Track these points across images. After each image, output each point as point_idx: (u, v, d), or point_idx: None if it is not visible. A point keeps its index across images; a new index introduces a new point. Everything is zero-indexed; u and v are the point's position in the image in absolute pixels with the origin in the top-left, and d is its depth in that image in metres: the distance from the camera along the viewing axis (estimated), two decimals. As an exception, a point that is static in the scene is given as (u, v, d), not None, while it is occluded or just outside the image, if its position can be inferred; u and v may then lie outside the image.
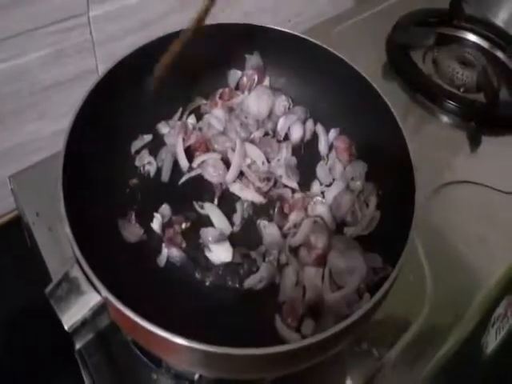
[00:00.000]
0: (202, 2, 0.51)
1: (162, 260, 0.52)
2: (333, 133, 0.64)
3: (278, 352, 0.38)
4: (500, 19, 0.96)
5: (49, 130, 0.65)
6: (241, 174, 0.59)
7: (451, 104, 0.80)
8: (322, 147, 0.63)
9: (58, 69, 0.61)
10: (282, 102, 0.64)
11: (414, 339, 0.56)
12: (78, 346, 0.43)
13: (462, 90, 0.83)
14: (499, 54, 0.90)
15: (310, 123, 0.64)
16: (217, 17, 0.60)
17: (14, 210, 0.67)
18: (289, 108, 0.65)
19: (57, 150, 0.48)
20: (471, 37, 0.92)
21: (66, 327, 0.40)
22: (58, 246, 0.56)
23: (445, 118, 0.80)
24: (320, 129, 0.64)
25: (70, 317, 0.40)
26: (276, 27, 0.62)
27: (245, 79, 0.66)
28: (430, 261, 0.61)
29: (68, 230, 0.42)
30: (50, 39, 0.58)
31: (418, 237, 0.60)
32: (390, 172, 0.55)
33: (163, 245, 0.52)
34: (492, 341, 0.57)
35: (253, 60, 0.66)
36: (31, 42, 0.57)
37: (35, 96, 0.62)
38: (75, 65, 0.63)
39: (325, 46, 0.62)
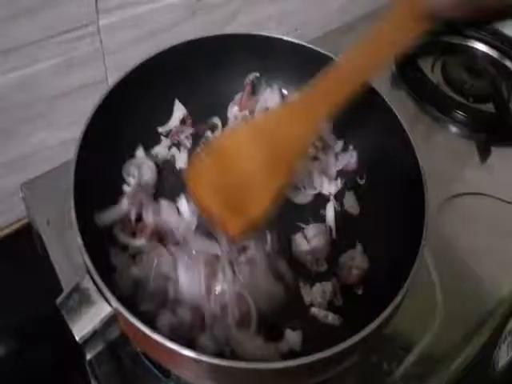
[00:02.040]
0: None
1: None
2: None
3: (287, 367, 0.38)
4: (510, 29, 0.95)
5: (58, 139, 0.65)
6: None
7: (460, 114, 0.79)
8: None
9: (67, 78, 0.62)
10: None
11: (423, 354, 0.55)
12: (88, 356, 0.43)
13: (471, 100, 0.83)
14: (509, 64, 0.90)
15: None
16: (224, 29, 0.61)
17: (25, 218, 0.68)
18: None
19: (67, 159, 0.49)
20: (481, 46, 0.92)
21: (77, 338, 0.40)
22: (68, 254, 0.56)
23: (453, 129, 0.80)
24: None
25: (81, 328, 0.40)
26: (282, 37, 0.62)
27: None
28: (440, 273, 0.60)
29: (79, 240, 0.42)
30: (60, 48, 0.58)
31: (427, 249, 0.59)
32: (398, 184, 0.54)
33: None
34: (503, 357, 0.56)
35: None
36: (41, 52, 0.57)
37: (45, 105, 0.62)
38: (85, 74, 0.63)
39: (331, 55, 0.61)
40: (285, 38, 0.62)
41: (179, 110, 0.64)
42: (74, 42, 0.59)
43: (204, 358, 0.38)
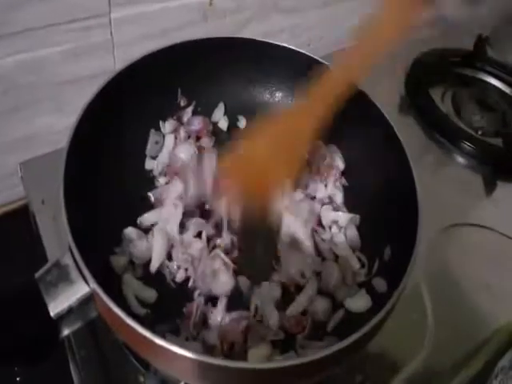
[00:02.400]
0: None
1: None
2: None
3: (273, 368, 0.37)
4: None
5: (63, 124, 0.65)
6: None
7: (468, 145, 0.79)
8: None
9: (76, 65, 0.62)
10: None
11: (409, 379, 0.53)
12: (64, 332, 0.42)
13: (480, 132, 0.82)
14: (520, 100, 0.90)
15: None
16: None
17: (23, 199, 0.67)
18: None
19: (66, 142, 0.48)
20: (493, 80, 0.92)
21: (51, 313, 0.40)
22: (59, 235, 0.55)
23: (460, 159, 0.79)
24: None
25: (57, 304, 0.40)
26: (294, 47, 0.63)
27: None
28: (434, 301, 0.59)
29: (64, 215, 0.41)
30: (71, 35, 0.59)
31: (422, 275, 0.58)
32: (393, 205, 0.53)
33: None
34: (494, 395, 0.54)
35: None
36: (52, 36, 0.58)
37: (52, 89, 0.62)
38: (93, 63, 0.64)
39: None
40: (297, 49, 0.63)
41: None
42: (85, 31, 0.60)
43: (179, 350, 0.37)
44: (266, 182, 0.51)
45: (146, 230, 0.53)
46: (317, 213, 0.58)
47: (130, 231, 0.52)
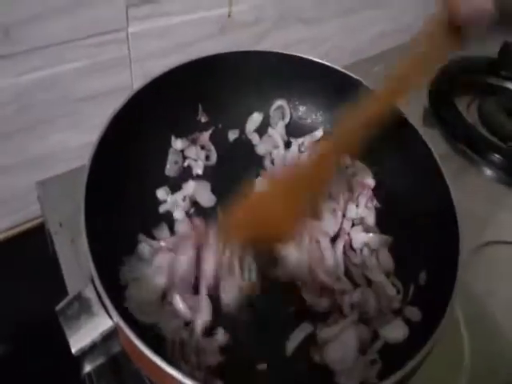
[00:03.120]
0: None
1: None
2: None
3: None
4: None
5: (79, 142, 0.64)
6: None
7: (496, 157, 0.76)
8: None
9: (92, 81, 0.61)
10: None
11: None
12: (86, 369, 0.40)
13: (508, 143, 0.79)
14: (550, 109, 0.87)
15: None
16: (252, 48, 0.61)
17: (40, 217, 0.66)
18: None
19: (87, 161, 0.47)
20: (520, 89, 0.89)
21: (73, 350, 0.38)
22: (78, 260, 0.54)
23: (488, 171, 0.76)
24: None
25: (79, 339, 0.38)
26: (315, 59, 0.61)
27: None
28: (468, 326, 0.56)
29: (86, 245, 0.39)
30: (87, 51, 0.58)
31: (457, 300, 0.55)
32: (429, 227, 0.51)
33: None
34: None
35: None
36: (68, 53, 0.57)
37: (68, 106, 0.61)
38: (110, 79, 0.62)
39: (364, 81, 0.60)
40: (317, 59, 0.61)
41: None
42: (102, 47, 0.59)
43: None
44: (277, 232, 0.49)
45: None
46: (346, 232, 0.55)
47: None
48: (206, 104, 0.62)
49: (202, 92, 0.60)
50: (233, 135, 0.65)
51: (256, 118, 0.65)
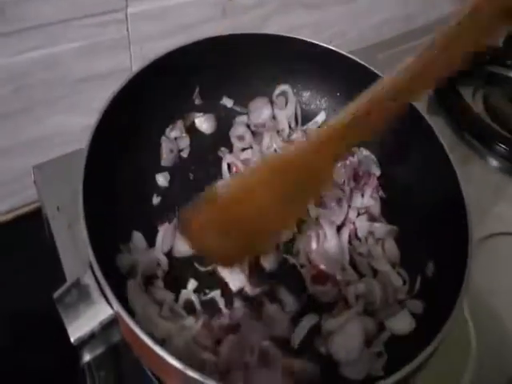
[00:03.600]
0: None
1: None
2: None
3: None
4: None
5: (78, 124, 0.62)
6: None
7: (502, 147, 0.74)
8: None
9: (91, 62, 0.60)
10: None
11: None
12: (86, 359, 0.39)
13: (514, 133, 0.78)
14: (557, 99, 0.85)
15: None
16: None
17: (37, 202, 0.65)
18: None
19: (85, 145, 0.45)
20: (526, 78, 0.87)
21: (71, 339, 0.37)
22: (76, 245, 0.53)
23: (494, 162, 0.75)
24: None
25: (77, 328, 0.37)
26: (322, 43, 0.60)
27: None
28: (474, 318, 0.55)
29: (84, 231, 0.38)
30: (86, 32, 0.56)
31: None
32: (437, 216, 0.50)
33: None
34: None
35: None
36: (65, 33, 0.55)
37: (66, 88, 0.60)
38: (109, 60, 0.61)
39: (371, 67, 0.58)
40: (321, 43, 0.60)
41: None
42: (100, 27, 0.57)
43: (208, 381, 0.33)
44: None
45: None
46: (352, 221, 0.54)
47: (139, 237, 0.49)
48: (204, 87, 0.60)
49: (201, 75, 0.59)
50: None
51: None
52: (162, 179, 0.56)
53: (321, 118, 0.64)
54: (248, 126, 0.62)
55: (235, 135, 0.61)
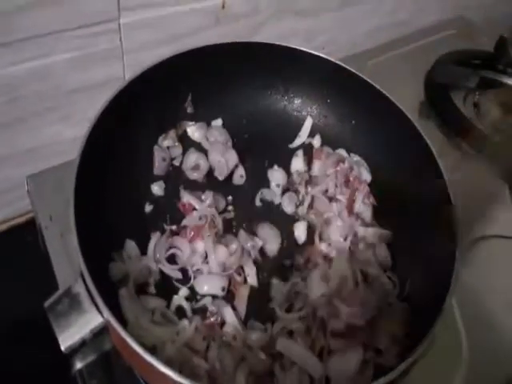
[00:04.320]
0: None
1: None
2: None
3: None
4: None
5: (71, 134, 0.63)
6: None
7: (492, 151, 0.75)
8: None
9: (84, 73, 0.60)
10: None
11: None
12: (77, 366, 0.39)
13: (504, 137, 0.78)
14: (546, 103, 0.86)
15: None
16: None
17: (31, 212, 0.65)
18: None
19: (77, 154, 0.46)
20: (515, 83, 0.88)
21: (62, 347, 0.37)
22: (68, 254, 0.53)
23: (484, 166, 0.75)
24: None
25: (68, 337, 0.37)
26: (312, 51, 0.60)
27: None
28: (465, 320, 0.56)
29: (75, 240, 0.38)
30: (78, 42, 0.57)
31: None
32: (427, 222, 0.51)
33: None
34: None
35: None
36: (58, 44, 0.55)
37: (60, 98, 0.60)
38: (102, 71, 0.61)
39: (360, 74, 0.59)
40: (312, 51, 0.60)
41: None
42: (94, 38, 0.58)
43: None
44: None
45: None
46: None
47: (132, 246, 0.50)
48: (196, 96, 0.61)
49: (193, 84, 0.59)
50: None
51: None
52: (157, 188, 0.57)
53: (308, 123, 0.64)
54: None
55: (188, 167, 0.59)
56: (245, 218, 0.56)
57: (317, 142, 0.64)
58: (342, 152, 0.62)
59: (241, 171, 0.60)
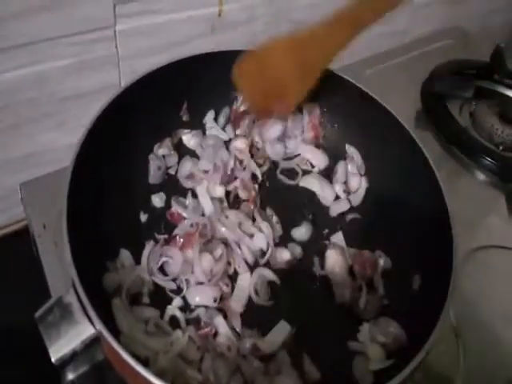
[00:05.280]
0: None
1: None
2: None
3: None
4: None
5: (66, 142, 0.62)
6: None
7: (489, 161, 0.75)
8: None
9: (79, 80, 0.60)
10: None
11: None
12: (69, 377, 0.39)
13: (501, 147, 0.79)
14: (543, 113, 0.86)
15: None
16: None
17: (25, 220, 0.64)
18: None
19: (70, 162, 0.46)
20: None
21: (53, 359, 0.36)
22: (61, 262, 0.52)
23: (481, 176, 0.75)
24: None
25: (59, 348, 0.37)
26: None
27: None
28: (463, 331, 0.55)
29: (67, 249, 0.38)
30: (74, 49, 0.57)
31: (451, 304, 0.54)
32: (423, 230, 0.50)
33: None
34: None
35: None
36: (53, 50, 0.55)
37: (54, 105, 0.60)
38: (98, 78, 0.61)
39: (357, 83, 0.59)
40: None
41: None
42: (90, 45, 0.58)
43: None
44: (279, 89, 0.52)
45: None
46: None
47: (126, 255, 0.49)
48: (192, 104, 0.60)
49: (189, 92, 0.59)
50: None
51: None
52: (157, 200, 0.56)
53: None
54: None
55: (183, 176, 0.58)
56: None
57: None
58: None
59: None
